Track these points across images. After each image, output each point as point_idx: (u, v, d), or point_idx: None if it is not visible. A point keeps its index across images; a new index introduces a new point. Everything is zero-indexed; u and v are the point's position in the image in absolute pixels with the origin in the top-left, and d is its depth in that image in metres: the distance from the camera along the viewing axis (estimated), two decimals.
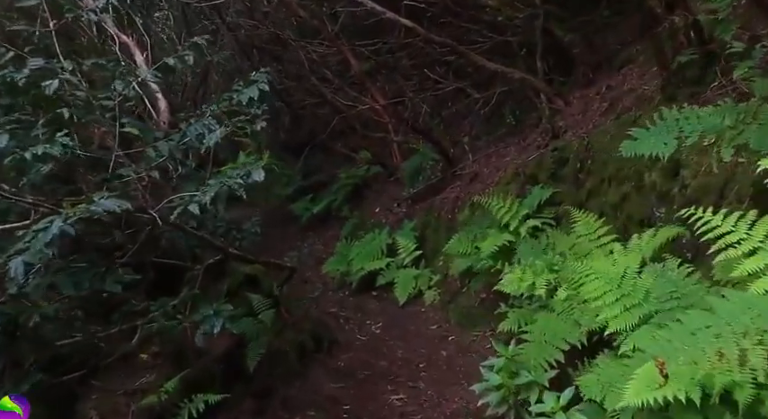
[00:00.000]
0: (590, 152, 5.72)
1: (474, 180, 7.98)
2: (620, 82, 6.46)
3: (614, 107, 6.14)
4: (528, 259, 5.18)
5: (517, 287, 4.92)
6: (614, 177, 5.27)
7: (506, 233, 6.15)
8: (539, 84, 7.24)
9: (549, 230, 5.95)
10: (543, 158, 6.33)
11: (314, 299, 8.69)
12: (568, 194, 5.93)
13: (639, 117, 5.42)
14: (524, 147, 7.47)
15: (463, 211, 7.64)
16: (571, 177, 5.91)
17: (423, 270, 7.95)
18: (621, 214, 5.11)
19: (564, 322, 4.39)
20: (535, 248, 5.66)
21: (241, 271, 4.98)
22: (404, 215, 9.17)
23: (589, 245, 4.92)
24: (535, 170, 6.41)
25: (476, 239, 6.76)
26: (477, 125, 9.57)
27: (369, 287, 8.45)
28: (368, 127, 11.09)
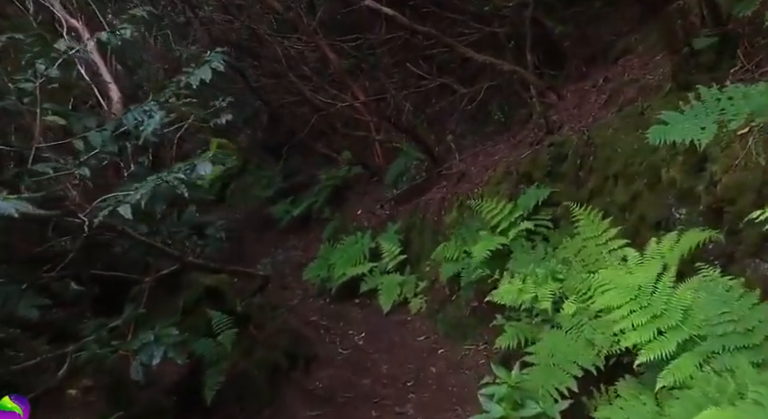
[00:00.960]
0: (591, 147, 4.99)
1: (461, 180, 7.22)
2: (619, 73, 5.75)
3: (615, 99, 5.43)
4: (527, 267, 4.42)
5: (516, 298, 4.17)
6: (622, 174, 4.53)
7: (499, 236, 5.40)
8: (530, 77, 6.51)
9: (548, 232, 5.22)
10: (538, 155, 5.59)
11: (290, 309, 7.88)
12: (568, 194, 5.19)
13: (647, 108, 4.71)
14: (515, 145, 6.73)
15: (450, 213, 6.88)
16: (570, 175, 5.18)
17: (408, 276, 7.17)
18: (631, 215, 4.38)
19: (574, 341, 3.64)
20: (533, 254, 4.91)
21: (201, 283, 4.16)
22: (387, 217, 8.38)
23: (597, 251, 4.18)
24: (529, 168, 5.66)
25: (465, 243, 6.01)
26: (463, 122, 8.82)
27: (351, 294, 7.65)
28: (349, 126, 10.29)
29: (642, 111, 4.72)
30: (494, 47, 7.37)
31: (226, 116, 4.30)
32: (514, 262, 5.06)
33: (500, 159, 6.77)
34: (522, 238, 5.30)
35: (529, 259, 4.74)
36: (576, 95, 6.27)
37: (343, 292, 7.75)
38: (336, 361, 5.66)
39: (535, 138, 6.21)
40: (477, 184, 6.68)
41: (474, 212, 6.16)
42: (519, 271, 4.46)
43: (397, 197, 8.37)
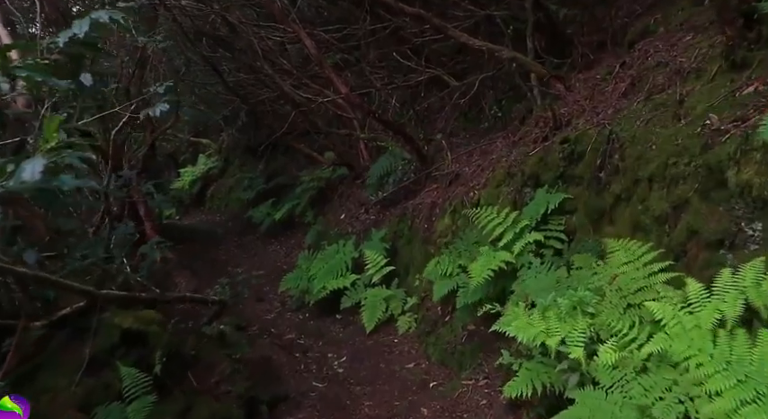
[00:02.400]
0: (615, 143, 3.88)
1: (454, 182, 6.09)
2: (640, 57, 4.64)
3: (638, 87, 4.32)
4: (544, 294, 3.29)
5: (534, 337, 3.03)
6: (659, 176, 3.42)
7: (502, 252, 4.27)
8: (533, 66, 5.39)
9: (562, 247, 4.10)
10: (548, 154, 4.47)
11: (265, 325, 6.71)
12: (585, 200, 4.09)
13: (687, 95, 3.59)
14: (515, 142, 5.60)
15: (442, 220, 5.75)
16: (588, 177, 4.06)
17: (395, 290, 6.04)
18: (674, 229, 3.27)
19: (619, 408, 2.51)
20: (546, 276, 3.78)
21: (116, 324, 3.01)
22: (372, 222, 7.24)
23: (637, 275, 3.06)
24: (536, 169, 4.54)
25: (460, 256, 4.89)
26: (454, 119, 7.68)
27: (332, 308, 6.51)
28: (332, 124, 9.13)
29: (681, 99, 3.61)
30: (490, 33, 6.25)
31: (161, 106, 3.13)
32: (523, 285, 3.94)
33: (498, 159, 5.65)
34: (530, 254, 4.18)
35: (544, 283, 3.62)
36: (586, 85, 5.16)
37: (323, 306, 6.61)
38: (310, 400, 4.51)
39: (540, 133, 5.09)
40: (472, 187, 5.56)
41: (470, 221, 5.05)
42: (536, 299, 3.33)
43: (383, 200, 7.23)
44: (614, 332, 2.84)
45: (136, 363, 2.88)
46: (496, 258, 4.21)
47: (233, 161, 11.85)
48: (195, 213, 12.52)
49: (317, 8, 9.50)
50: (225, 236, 10.77)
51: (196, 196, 12.37)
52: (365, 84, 8.07)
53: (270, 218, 9.78)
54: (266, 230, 9.86)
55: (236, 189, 11.30)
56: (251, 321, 6.84)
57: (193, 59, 8.70)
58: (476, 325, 4.76)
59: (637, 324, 2.82)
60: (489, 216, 4.51)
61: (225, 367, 3.61)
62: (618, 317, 2.89)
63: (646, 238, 3.39)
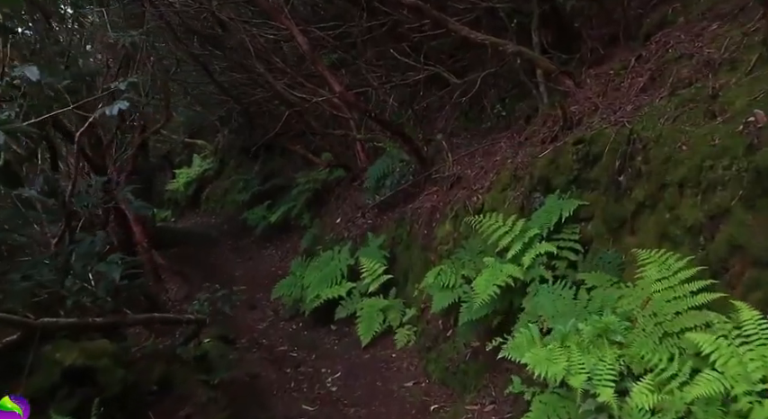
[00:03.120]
0: (637, 144, 3.38)
1: (455, 185, 5.60)
2: (659, 50, 4.14)
3: (659, 81, 3.82)
4: (564, 320, 2.79)
5: (553, 370, 2.52)
6: (691, 181, 2.92)
7: (509, 265, 3.77)
8: (540, 61, 4.89)
9: (576, 259, 3.60)
10: (559, 155, 3.97)
11: (257, 336, 6.23)
12: (603, 207, 3.59)
13: (722, 89, 3.10)
14: (521, 143, 5.11)
15: (443, 225, 5.25)
16: (606, 182, 3.56)
17: (393, 300, 5.55)
18: (711, 243, 2.77)
19: None
20: (562, 293, 3.29)
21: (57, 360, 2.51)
22: (369, 227, 6.74)
23: (673, 297, 2.56)
24: (547, 172, 4.04)
25: (463, 267, 4.38)
26: (454, 119, 7.18)
27: (327, 318, 6.03)
28: (329, 125, 8.64)
29: (714, 93, 3.11)
30: (493, 28, 5.74)
31: (120, 104, 2.63)
32: (534, 302, 3.44)
33: (502, 160, 5.15)
34: (541, 266, 3.68)
35: (559, 304, 3.12)
36: (597, 81, 4.65)
37: (318, 316, 6.12)
38: None
39: (549, 133, 4.59)
40: (475, 191, 5.06)
41: (473, 228, 4.56)
42: (553, 325, 2.83)
43: (381, 204, 6.73)
44: (649, 366, 2.34)
45: (79, 407, 2.38)
46: (503, 272, 3.71)
47: (228, 162, 11.36)
48: (191, 215, 12.03)
49: (313, 6, 9.00)
50: (220, 239, 10.29)
51: (191, 198, 11.88)
52: (362, 84, 7.56)
53: (265, 220, 9.30)
54: (261, 233, 9.39)
55: (231, 191, 10.81)
56: (241, 332, 6.36)
57: (184, 58, 8.19)
58: (480, 341, 4.27)
59: (676, 357, 2.32)
60: (495, 223, 4.01)
61: (199, 396, 3.12)
62: (653, 349, 2.40)
63: (675, 251, 2.89)
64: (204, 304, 3.74)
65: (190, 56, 7.43)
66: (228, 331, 5.74)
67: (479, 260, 4.14)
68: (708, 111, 3.02)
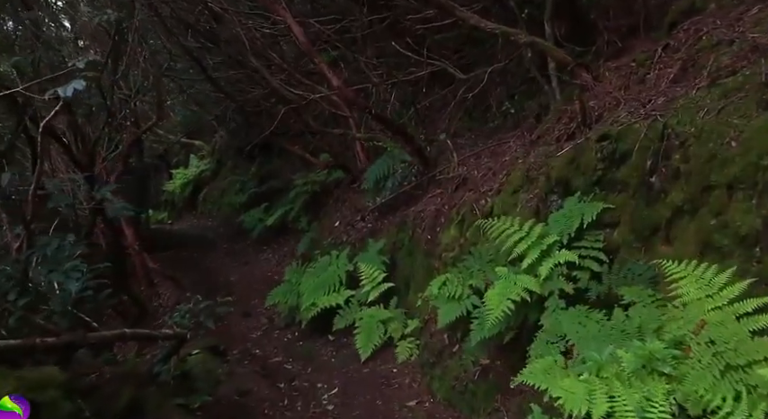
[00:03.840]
0: (673, 140, 2.91)
1: (461, 187, 5.13)
2: (689, 38, 3.67)
3: (693, 71, 3.36)
4: (597, 346, 2.32)
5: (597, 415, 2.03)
6: (745, 182, 2.46)
7: (524, 276, 3.30)
8: (555, 52, 4.42)
9: (601, 269, 3.12)
10: (580, 154, 3.50)
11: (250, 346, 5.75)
12: (631, 211, 3.12)
13: None
14: (533, 141, 4.64)
15: (448, 230, 4.78)
16: (636, 183, 3.09)
17: (394, 310, 5.07)
18: None
19: None
20: (590, 315, 2.81)
21: None
22: (369, 231, 6.27)
23: (725, 318, 2.09)
24: (566, 172, 3.57)
25: (472, 276, 3.91)
26: (458, 118, 6.71)
27: (324, 328, 5.55)
28: (328, 124, 8.17)
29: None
30: (502, 19, 5.27)
31: (76, 83, 2.16)
32: (556, 322, 2.98)
33: (512, 161, 4.69)
34: (562, 279, 3.20)
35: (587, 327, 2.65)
36: (618, 74, 4.19)
37: (314, 325, 5.65)
38: None
39: (565, 130, 4.13)
40: (483, 193, 4.59)
41: (482, 232, 4.10)
42: (583, 352, 2.36)
43: (381, 206, 6.26)
44: (710, 407, 1.87)
45: None
46: (518, 284, 3.24)
47: (226, 163, 10.89)
48: (188, 217, 11.56)
49: (312, 2, 8.53)
50: (216, 242, 9.82)
51: (188, 199, 11.40)
52: (362, 81, 7.11)
53: (262, 223, 8.84)
54: (258, 236, 8.92)
55: (228, 192, 10.34)
56: (233, 341, 5.89)
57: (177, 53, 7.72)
58: (490, 359, 3.80)
59: (744, 396, 1.85)
60: (508, 229, 3.53)
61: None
62: (712, 385, 1.93)
63: (722, 263, 2.42)
64: (186, 316, 3.28)
65: (182, 49, 6.96)
66: (219, 341, 5.26)
67: (490, 269, 3.67)
68: (762, 101, 2.56)
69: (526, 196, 4.06)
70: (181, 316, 3.29)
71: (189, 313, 3.30)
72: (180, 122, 11.33)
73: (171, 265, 8.65)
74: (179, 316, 3.30)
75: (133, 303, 6.67)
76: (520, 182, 4.18)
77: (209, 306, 3.33)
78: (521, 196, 4.12)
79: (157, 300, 7.52)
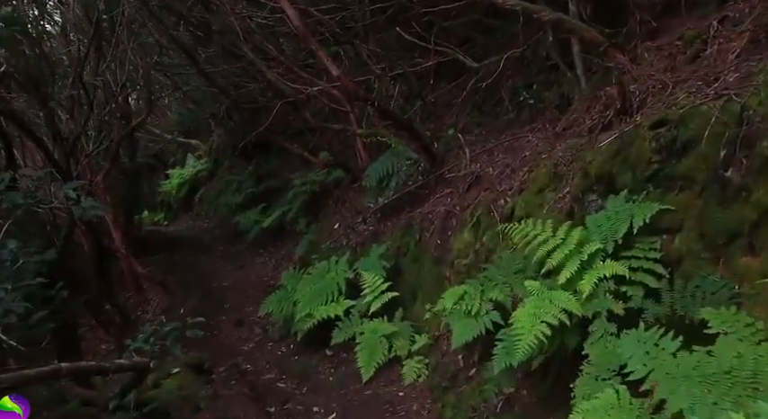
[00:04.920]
0: (755, 124, 2.22)
1: (474, 186, 4.45)
2: (756, 7, 2.98)
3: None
4: (690, 395, 1.62)
5: None
6: None
7: (562, 293, 2.61)
8: (584, 31, 3.72)
9: (667, 292, 2.43)
10: (628, 144, 2.81)
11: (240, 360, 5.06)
12: (699, 213, 2.43)
13: None
14: (558, 134, 3.96)
15: (461, 235, 4.09)
16: (705, 178, 2.41)
17: (399, 323, 4.38)
18: None
19: None
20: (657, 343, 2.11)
21: None
22: (370, 234, 5.58)
23: None
24: (610, 166, 2.88)
25: (493, 289, 3.21)
26: (466, 113, 6.02)
27: (322, 341, 4.86)
28: (328, 121, 7.48)
29: None
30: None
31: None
32: (605, 351, 2.29)
33: (534, 156, 4.01)
34: (609, 296, 2.51)
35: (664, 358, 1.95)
36: (659, 55, 3.50)
37: (311, 337, 4.94)
38: None
39: (599, 120, 3.44)
40: (501, 193, 3.91)
41: (502, 236, 3.42)
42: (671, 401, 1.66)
43: (384, 208, 5.57)
44: None
45: None
46: (554, 303, 2.55)
47: (223, 162, 10.20)
48: (184, 218, 10.86)
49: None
50: (211, 244, 9.12)
51: (184, 200, 10.71)
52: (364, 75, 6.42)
53: (258, 225, 8.14)
54: (254, 239, 8.22)
55: (225, 192, 9.65)
56: (222, 354, 5.21)
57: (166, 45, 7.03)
58: (516, 387, 3.11)
59: None
60: (539, 234, 2.85)
61: None
62: None
63: None
64: (150, 340, 2.60)
65: (172, 40, 6.28)
66: (204, 357, 4.57)
67: (517, 283, 2.98)
68: None
69: (555, 195, 3.38)
70: (143, 341, 2.61)
71: (153, 336, 2.62)
72: (177, 121, 10.65)
73: (163, 269, 7.97)
74: (141, 341, 2.62)
75: (116, 311, 5.99)
76: (546, 180, 3.50)
77: (175, 329, 2.65)
78: (547, 195, 3.44)
79: (146, 307, 6.84)
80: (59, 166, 5.25)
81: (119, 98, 6.50)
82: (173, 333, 2.59)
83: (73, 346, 4.45)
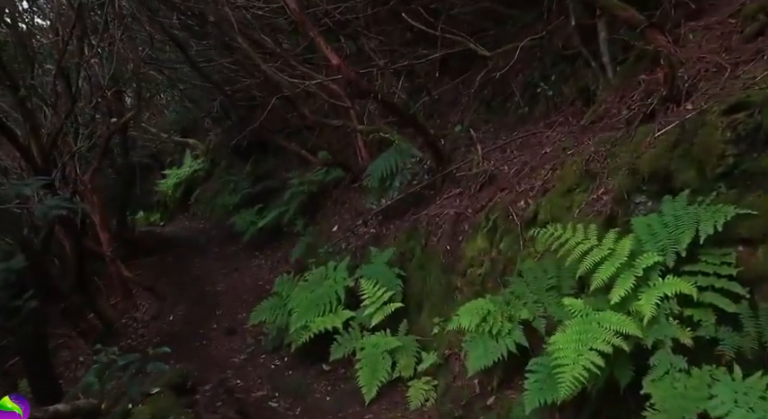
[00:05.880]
0: None
1: (487, 186, 3.87)
2: None
3: None
4: None
5: None
6: None
7: (613, 314, 2.03)
8: (621, 10, 3.16)
9: (748, 317, 1.86)
10: (692, 134, 2.24)
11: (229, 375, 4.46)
12: None
13: None
14: (585, 127, 3.39)
15: (474, 240, 3.51)
16: None
17: (403, 338, 3.79)
18: None
19: None
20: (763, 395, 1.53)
21: None
22: (372, 238, 5.00)
23: None
24: (666, 161, 2.31)
25: (523, 305, 2.63)
26: (473, 110, 5.44)
27: (319, 355, 4.27)
28: (327, 117, 6.88)
29: None
30: None
31: None
32: (675, 393, 1.71)
33: (557, 152, 3.44)
34: (673, 321, 1.94)
35: None
36: (708, 35, 2.94)
37: (307, 351, 4.35)
38: None
39: (638, 109, 2.87)
40: (521, 193, 3.33)
41: (522, 241, 2.86)
42: None
43: (387, 210, 4.98)
44: None
45: None
46: (604, 325, 1.98)
47: (220, 162, 9.60)
48: (180, 219, 10.25)
49: None
50: (206, 246, 8.51)
51: (180, 200, 10.10)
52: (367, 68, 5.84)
53: (254, 226, 7.54)
54: (250, 241, 7.61)
55: (221, 193, 9.04)
56: (211, 368, 4.62)
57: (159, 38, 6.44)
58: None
59: None
60: (580, 242, 2.27)
61: None
62: None
63: None
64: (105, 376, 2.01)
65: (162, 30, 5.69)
66: (190, 371, 3.97)
67: (551, 300, 2.40)
68: None
69: (586, 196, 2.80)
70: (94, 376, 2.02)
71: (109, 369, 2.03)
72: (174, 120, 10.06)
73: (155, 272, 7.38)
74: (92, 375, 2.03)
75: (99, 319, 5.39)
76: (576, 179, 2.93)
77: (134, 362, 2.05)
78: (578, 196, 2.86)
79: (134, 313, 6.24)
80: (34, 163, 4.66)
81: (106, 92, 5.90)
82: (132, 365, 2.00)
83: (41, 360, 3.85)
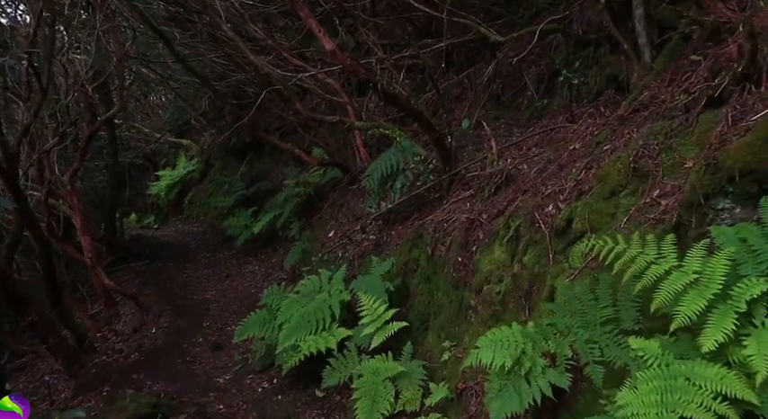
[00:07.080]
0: None
1: (503, 188, 3.23)
2: None
3: None
4: None
5: None
6: None
7: (705, 366, 1.38)
8: None
9: None
10: None
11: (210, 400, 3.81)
12: None
13: None
14: (626, 118, 2.74)
15: (490, 251, 2.87)
16: None
17: (407, 363, 3.14)
18: None
19: None
20: None
21: None
22: (371, 245, 4.35)
23: None
24: (765, 155, 1.65)
25: (561, 340, 1.98)
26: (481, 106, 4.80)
27: (311, 377, 3.63)
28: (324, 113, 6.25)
29: None
30: None
31: None
32: None
33: (589, 147, 2.80)
34: None
35: None
36: None
37: (298, 372, 3.71)
38: None
39: (702, 92, 2.23)
40: (549, 196, 2.69)
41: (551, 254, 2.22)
42: None
43: (388, 214, 4.34)
44: None
45: None
46: (697, 382, 1.34)
47: (215, 163, 8.95)
48: (174, 221, 9.60)
49: None
50: (198, 250, 7.86)
51: (173, 203, 9.45)
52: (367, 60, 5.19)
53: (248, 230, 6.91)
54: (243, 245, 6.99)
55: (215, 195, 8.39)
56: (189, 391, 3.96)
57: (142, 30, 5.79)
58: None
59: None
60: (654, 262, 1.62)
61: None
62: None
63: None
64: None
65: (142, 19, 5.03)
66: (160, 403, 3.32)
67: (609, 339, 1.75)
68: None
69: (636, 200, 2.17)
70: None
71: None
72: (167, 120, 9.43)
73: (141, 278, 6.72)
74: None
75: (71, 333, 4.73)
76: (620, 179, 2.29)
77: None
78: (624, 200, 2.23)
79: (114, 324, 5.58)
80: None
81: (86, 86, 5.26)
82: None
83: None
